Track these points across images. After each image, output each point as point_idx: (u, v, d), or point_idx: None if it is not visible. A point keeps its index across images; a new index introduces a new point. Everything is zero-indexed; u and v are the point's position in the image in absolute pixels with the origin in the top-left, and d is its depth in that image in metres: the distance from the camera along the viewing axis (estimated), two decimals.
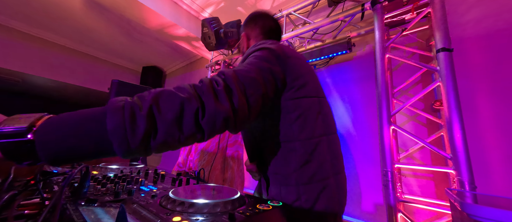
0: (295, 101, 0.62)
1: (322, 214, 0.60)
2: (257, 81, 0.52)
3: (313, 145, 0.62)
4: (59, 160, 0.38)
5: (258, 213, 0.41)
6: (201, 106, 0.44)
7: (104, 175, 0.73)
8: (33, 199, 0.47)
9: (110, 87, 1.15)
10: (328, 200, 0.61)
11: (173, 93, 0.44)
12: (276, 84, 0.59)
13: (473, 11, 1.57)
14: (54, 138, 0.37)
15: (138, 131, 0.39)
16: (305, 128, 0.62)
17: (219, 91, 0.47)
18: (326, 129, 0.66)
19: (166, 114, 0.41)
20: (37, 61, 3.66)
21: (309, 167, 0.60)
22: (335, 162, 0.66)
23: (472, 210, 0.63)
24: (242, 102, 0.48)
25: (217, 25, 2.18)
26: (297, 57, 0.68)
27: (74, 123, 0.39)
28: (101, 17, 3.09)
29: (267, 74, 0.56)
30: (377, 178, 1.80)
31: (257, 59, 0.59)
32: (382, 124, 1.47)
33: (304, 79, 0.64)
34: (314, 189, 0.60)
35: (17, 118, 0.39)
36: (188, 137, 0.44)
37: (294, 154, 0.61)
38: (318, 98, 0.67)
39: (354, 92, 2.08)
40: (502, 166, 1.35)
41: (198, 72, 3.93)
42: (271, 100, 0.58)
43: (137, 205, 0.46)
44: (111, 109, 0.39)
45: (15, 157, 0.37)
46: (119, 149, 0.38)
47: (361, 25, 2.03)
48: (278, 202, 0.48)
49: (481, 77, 1.49)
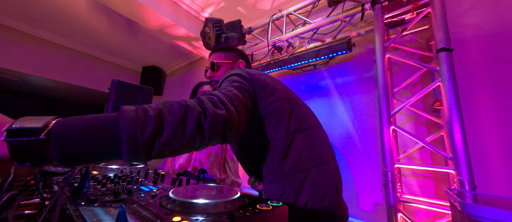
0: (267, 107, 0.72)
1: (307, 204, 0.65)
2: (238, 95, 0.64)
3: (288, 141, 0.70)
4: (71, 159, 0.40)
5: (258, 213, 0.41)
6: (203, 112, 0.52)
7: (104, 175, 0.73)
8: (33, 199, 0.47)
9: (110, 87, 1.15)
10: (312, 190, 0.66)
11: (178, 102, 0.52)
12: (251, 97, 0.71)
13: (473, 11, 1.57)
14: (70, 135, 0.40)
15: (146, 130, 0.44)
16: (280, 128, 0.71)
17: (215, 102, 0.56)
18: (300, 125, 0.74)
19: (172, 116, 0.48)
20: (37, 61, 3.66)
21: (287, 161, 0.68)
22: (316, 153, 0.72)
23: (472, 210, 0.63)
24: (232, 110, 0.57)
25: (220, 29, 2.20)
26: (259, 73, 0.81)
27: (90, 122, 0.42)
28: (101, 17, 3.09)
29: (243, 91, 0.68)
30: (377, 178, 1.80)
31: (232, 82, 0.72)
32: (382, 124, 1.47)
33: (270, 88, 0.75)
34: (296, 180, 0.67)
35: (28, 119, 0.40)
36: (190, 139, 0.49)
37: (275, 153, 0.70)
38: (289, 100, 0.77)
39: (354, 92, 2.08)
40: (502, 166, 1.35)
41: (198, 72, 3.92)
42: (251, 111, 0.69)
43: (137, 205, 0.46)
44: (124, 111, 0.45)
45: (23, 157, 0.38)
46: (127, 145, 0.42)
47: (361, 25, 2.03)
48: (278, 202, 0.48)
49: (481, 77, 1.49)
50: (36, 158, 0.38)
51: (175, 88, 4.51)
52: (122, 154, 0.42)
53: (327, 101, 2.24)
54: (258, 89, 0.74)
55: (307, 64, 2.38)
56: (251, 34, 2.73)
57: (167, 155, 0.47)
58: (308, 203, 0.64)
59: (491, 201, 0.86)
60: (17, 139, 0.37)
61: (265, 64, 2.65)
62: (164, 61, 4.53)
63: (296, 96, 0.83)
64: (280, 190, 0.67)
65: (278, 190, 0.67)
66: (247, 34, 2.67)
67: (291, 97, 0.80)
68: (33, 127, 0.38)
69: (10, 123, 0.39)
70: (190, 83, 4.04)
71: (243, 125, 0.62)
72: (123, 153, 0.42)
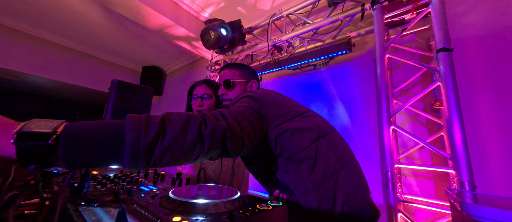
0: (283, 125, 0.73)
1: (344, 205, 0.67)
2: (243, 112, 0.66)
3: (313, 149, 0.71)
4: (77, 164, 0.42)
5: (258, 213, 0.41)
6: (204, 121, 0.55)
7: (104, 175, 0.73)
8: (33, 199, 0.47)
9: (110, 87, 1.14)
10: (345, 191, 0.68)
11: (180, 113, 0.55)
12: (260, 117, 0.72)
13: (473, 11, 1.57)
14: (78, 142, 0.41)
15: (150, 134, 0.46)
16: (301, 142, 0.72)
17: (216, 115, 0.59)
18: (320, 132, 0.76)
19: (175, 123, 0.50)
20: (37, 61, 3.65)
21: (318, 169, 0.69)
22: (340, 155, 0.75)
23: (472, 210, 0.63)
24: (233, 124, 0.59)
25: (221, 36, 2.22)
26: (269, 93, 0.83)
27: (98, 129, 0.44)
28: (101, 17, 3.09)
29: (250, 110, 0.70)
30: (377, 178, 1.80)
31: (242, 103, 0.75)
32: (382, 124, 1.47)
33: (282, 107, 0.77)
34: (329, 185, 0.68)
35: (37, 122, 0.41)
36: (190, 146, 0.50)
37: (302, 165, 0.70)
38: (300, 115, 0.79)
39: (354, 92, 2.08)
40: (502, 166, 1.35)
41: (198, 72, 3.92)
42: (261, 129, 0.70)
43: (137, 205, 0.46)
44: (130, 117, 0.47)
45: (29, 160, 0.39)
46: (130, 148, 0.43)
47: (361, 25, 2.03)
48: (278, 202, 0.48)
49: (481, 77, 1.49)
50: (41, 162, 0.40)
51: (175, 88, 4.51)
52: (124, 158, 0.43)
53: (327, 101, 2.24)
54: (270, 109, 0.75)
55: (307, 64, 2.38)
56: (251, 34, 2.73)
57: (166, 162, 0.48)
58: (344, 204, 0.67)
59: (491, 201, 0.86)
60: (26, 143, 0.38)
61: (265, 64, 2.64)
62: (164, 61, 4.53)
63: (307, 108, 0.86)
64: (319, 199, 0.67)
65: (316, 199, 0.67)
66: (247, 34, 2.67)
67: (301, 110, 0.82)
68: (42, 132, 0.39)
69: (19, 125, 0.40)
70: (190, 83, 4.04)
71: (250, 140, 0.63)
72: (125, 157, 0.43)
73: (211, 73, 3.21)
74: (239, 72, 1.02)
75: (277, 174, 0.78)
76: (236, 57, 2.92)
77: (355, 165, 0.78)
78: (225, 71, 1.04)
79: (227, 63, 1.10)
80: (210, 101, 1.27)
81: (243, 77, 1.02)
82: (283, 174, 0.76)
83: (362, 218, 0.68)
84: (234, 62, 2.98)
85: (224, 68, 1.05)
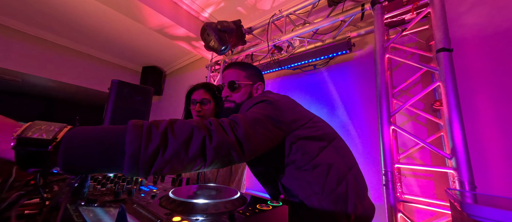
0: (295, 132, 0.74)
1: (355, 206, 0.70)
2: (262, 120, 0.65)
3: (323, 158, 0.73)
4: (76, 170, 0.42)
5: (258, 213, 0.41)
6: (209, 135, 0.52)
7: (104, 175, 0.73)
8: (33, 199, 0.47)
9: (110, 87, 1.15)
10: (354, 193, 0.71)
11: (186, 122, 0.52)
12: (276, 125, 0.71)
13: (473, 11, 1.57)
14: (78, 149, 0.41)
15: (150, 146, 0.44)
16: (312, 150, 0.73)
17: (225, 126, 0.56)
18: (328, 139, 0.78)
19: (178, 135, 0.48)
20: (37, 61, 3.65)
21: (331, 176, 0.71)
22: (347, 159, 0.78)
23: (472, 210, 0.63)
24: (248, 133, 0.57)
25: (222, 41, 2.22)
26: (282, 98, 0.82)
27: (99, 136, 0.43)
28: (101, 17, 3.09)
29: (268, 118, 0.69)
30: (377, 178, 1.80)
31: (259, 109, 0.73)
32: (382, 124, 1.47)
33: (296, 113, 0.78)
34: (341, 189, 0.70)
35: (38, 126, 0.41)
36: (191, 160, 0.49)
37: (314, 172, 0.72)
38: (309, 120, 0.79)
39: (354, 92, 2.08)
40: (502, 166, 1.35)
41: (198, 72, 3.92)
42: (276, 137, 0.69)
43: (137, 205, 0.46)
44: (132, 125, 0.46)
45: (28, 164, 0.39)
46: (129, 160, 0.42)
47: (361, 25, 2.03)
48: (278, 202, 0.48)
49: (481, 77, 1.49)
50: (40, 166, 0.40)
51: (175, 88, 4.50)
52: (123, 168, 0.43)
53: (327, 101, 2.24)
54: (286, 115, 0.75)
55: (307, 64, 2.38)
56: (251, 34, 2.73)
57: (166, 174, 0.49)
58: (355, 206, 0.70)
59: (491, 201, 0.86)
60: (25, 149, 0.38)
61: (265, 64, 2.65)
62: (164, 61, 4.53)
63: (313, 114, 0.86)
64: (333, 203, 0.69)
65: (330, 205, 0.69)
66: (247, 34, 2.67)
67: (310, 116, 0.83)
68: (42, 139, 0.39)
69: (19, 128, 0.39)
70: (190, 83, 4.04)
71: (266, 147, 0.63)
72: (125, 167, 0.43)
73: (211, 73, 3.21)
74: (245, 73, 0.98)
75: (283, 180, 0.77)
76: (236, 57, 2.92)
77: (357, 167, 0.81)
78: (230, 71, 0.99)
79: (232, 62, 1.03)
80: (208, 106, 1.24)
81: (249, 79, 0.98)
82: (291, 180, 0.75)
83: (368, 216, 0.72)
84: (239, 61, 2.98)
85: (228, 68, 1.00)
